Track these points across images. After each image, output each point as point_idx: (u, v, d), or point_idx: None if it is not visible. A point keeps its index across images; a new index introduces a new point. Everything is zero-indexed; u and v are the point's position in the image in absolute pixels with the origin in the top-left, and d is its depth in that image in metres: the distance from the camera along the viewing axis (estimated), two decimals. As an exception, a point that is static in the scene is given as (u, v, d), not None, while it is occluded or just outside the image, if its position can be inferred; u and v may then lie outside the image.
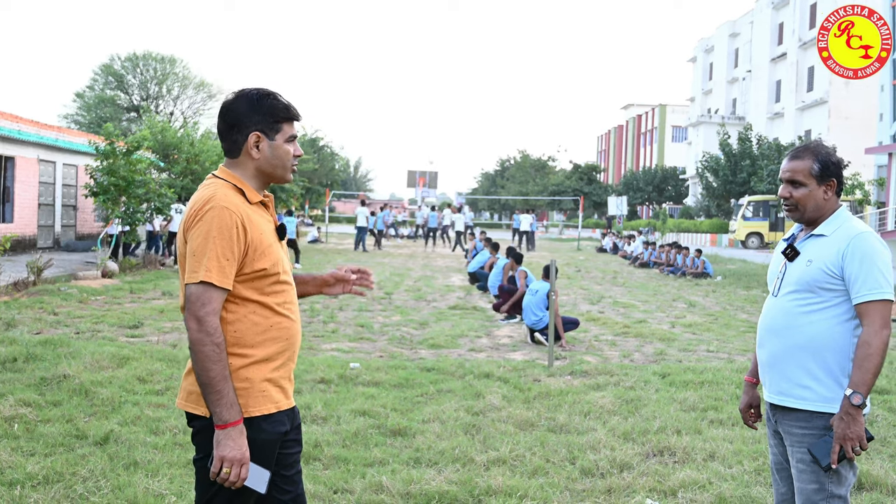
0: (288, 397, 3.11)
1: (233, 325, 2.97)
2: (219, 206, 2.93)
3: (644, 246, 30.93)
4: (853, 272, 3.37)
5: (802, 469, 3.42)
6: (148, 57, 69.73)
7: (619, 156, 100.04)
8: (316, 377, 8.53)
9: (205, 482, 3.00)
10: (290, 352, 3.10)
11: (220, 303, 2.91)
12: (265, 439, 2.99)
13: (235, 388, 2.94)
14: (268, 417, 3.00)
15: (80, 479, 5.36)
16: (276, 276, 3.04)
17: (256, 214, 3.05)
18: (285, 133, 3.11)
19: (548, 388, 8.52)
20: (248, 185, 3.08)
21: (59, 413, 6.86)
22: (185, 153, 26.16)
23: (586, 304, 17.24)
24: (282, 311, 3.06)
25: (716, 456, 6.30)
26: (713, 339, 12.71)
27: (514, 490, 5.40)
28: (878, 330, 3.31)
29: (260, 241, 2.99)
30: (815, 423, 3.40)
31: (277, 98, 3.11)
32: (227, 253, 2.90)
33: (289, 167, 3.16)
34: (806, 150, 3.57)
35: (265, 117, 3.07)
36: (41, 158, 25.98)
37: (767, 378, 3.59)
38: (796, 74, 57.52)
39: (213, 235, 2.90)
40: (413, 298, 17.09)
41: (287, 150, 3.13)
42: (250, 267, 2.97)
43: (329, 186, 55.94)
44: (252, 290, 2.99)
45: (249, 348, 2.98)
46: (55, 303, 13.62)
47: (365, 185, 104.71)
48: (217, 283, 2.88)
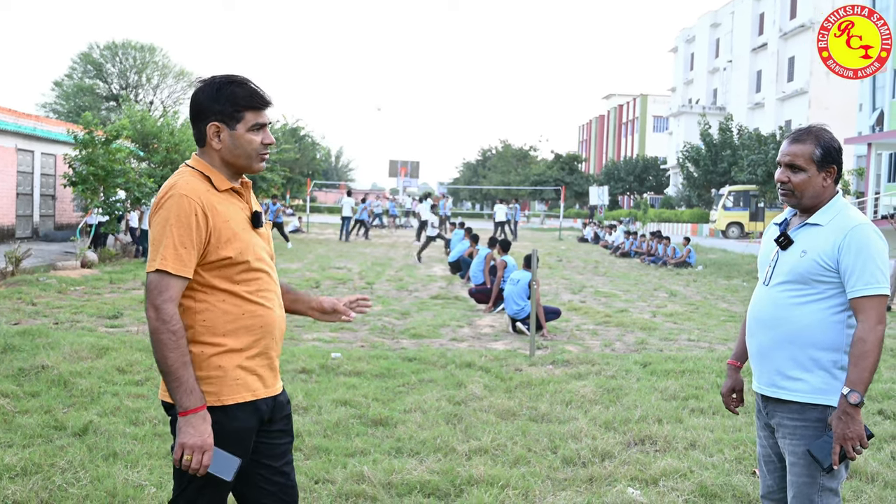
0: (268, 386, 3.08)
1: (201, 314, 2.95)
2: (178, 194, 2.90)
3: (625, 236, 31.01)
4: (849, 265, 3.28)
5: (794, 462, 3.38)
6: (127, 45, 69.22)
7: (601, 146, 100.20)
8: (297, 367, 8.50)
9: (180, 471, 2.99)
10: (267, 340, 3.06)
11: (178, 291, 2.88)
12: (239, 427, 2.97)
13: (209, 377, 2.92)
14: (243, 406, 2.98)
15: (58, 470, 5.31)
16: (244, 264, 2.99)
17: (226, 202, 3.01)
18: (248, 122, 3.02)
19: (529, 377, 8.53)
20: (216, 172, 3.04)
21: (38, 404, 6.80)
22: (165, 142, 25.94)
23: (568, 293, 17.27)
24: (255, 299, 3.01)
25: (697, 444, 6.32)
26: (694, 328, 12.76)
27: (495, 479, 5.40)
28: (874, 326, 3.24)
29: (225, 228, 2.95)
30: (808, 415, 3.35)
31: (242, 85, 3.03)
32: (184, 241, 2.87)
33: (254, 157, 3.06)
34: (808, 134, 3.44)
35: (225, 106, 3.00)
36: (19, 148, 25.74)
37: (758, 369, 3.52)
38: (777, 65, 57.77)
39: (171, 223, 2.88)
40: (395, 288, 17.06)
41: (250, 140, 3.04)
42: (215, 255, 2.93)
43: (310, 176, 55.72)
44: (220, 278, 2.96)
45: (221, 336, 2.95)
46: (34, 293, 13.51)
47: (346, 175, 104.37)
48: (172, 271, 2.86)
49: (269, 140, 3.09)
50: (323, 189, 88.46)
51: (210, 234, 2.92)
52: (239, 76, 3.07)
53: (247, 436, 3.01)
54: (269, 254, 3.17)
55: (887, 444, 6.40)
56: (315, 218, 54.89)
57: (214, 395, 2.93)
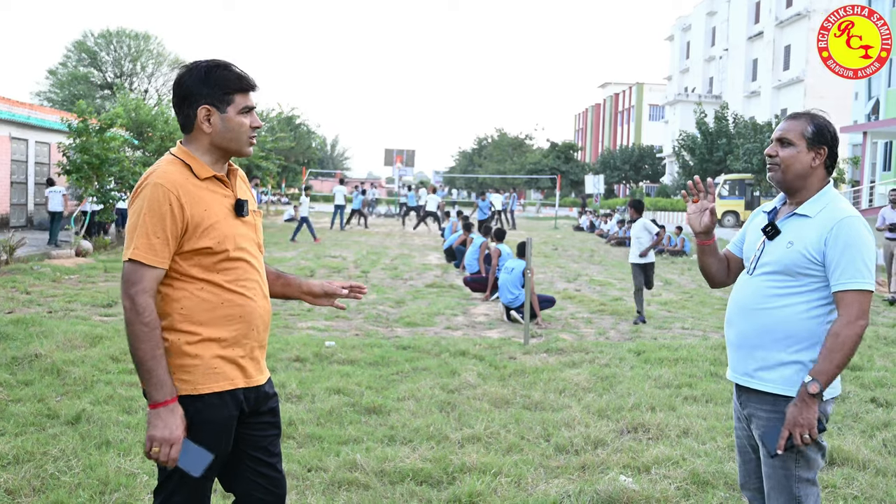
0: (249, 377, 3.05)
1: (179, 303, 2.92)
2: (152, 183, 2.88)
3: (619, 225, 30.99)
4: (834, 258, 3.22)
5: (768, 453, 3.34)
6: (122, 34, 68.86)
7: (597, 134, 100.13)
8: (291, 355, 8.49)
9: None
10: (247, 330, 3.02)
11: (152, 281, 2.86)
12: (216, 417, 2.95)
13: (185, 365, 2.90)
14: (221, 395, 2.95)
15: (50, 458, 5.31)
16: (223, 253, 2.95)
17: (206, 190, 2.98)
18: (238, 105, 3.00)
19: (523, 365, 8.54)
20: (199, 160, 3.00)
21: (31, 392, 6.80)
22: (160, 131, 25.86)
23: (563, 282, 17.28)
24: (234, 288, 2.98)
25: (689, 432, 6.33)
26: (688, 316, 12.78)
27: (488, 467, 5.41)
28: (853, 321, 3.17)
29: (203, 218, 2.92)
30: (781, 408, 3.29)
31: (229, 69, 3.01)
32: (157, 230, 2.85)
33: (244, 140, 3.04)
34: (804, 114, 3.42)
35: (215, 90, 2.97)
36: (13, 136, 25.65)
37: (735, 358, 3.48)
38: (773, 53, 57.71)
39: (144, 213, 2.86)
40: (390, 277, 17.06)
41: (241, 123, 3.01)
42: (192, 245, 2.91)
43: (306, 165, 55.63)
44: (198, 267, 2.94)
45: (199, 325, 2.93)
46: (28, 282, 13.49)
47: (342, 164, 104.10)
48: (143, 260, 2.84)
49: (256, 123, 3.06)
50: (319, 178, 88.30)
51: (186, 223, 2.89)
52: (223, 60, 3.04)
53: (225, 426, 2.98)
54: (255, 243, 3.12)
55: (879, 432, 6.41)
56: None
57: (191, 384, 2.91)
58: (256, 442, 3.12)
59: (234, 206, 3.04)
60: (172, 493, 2.98)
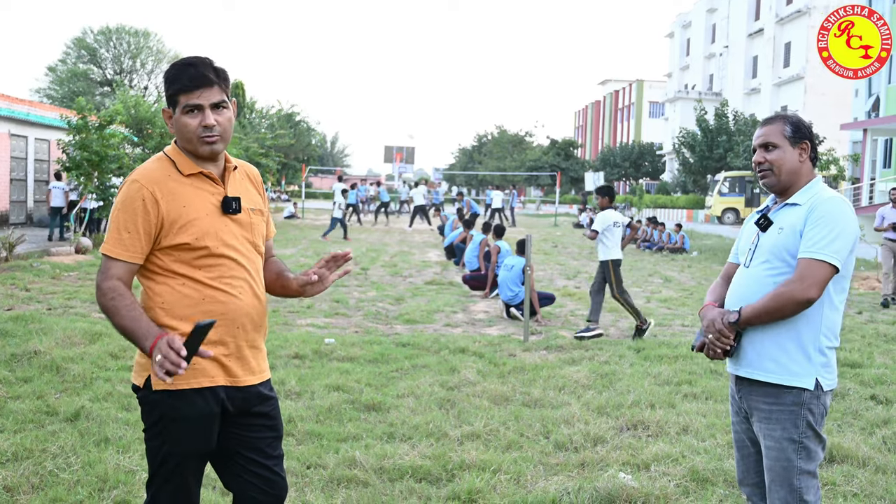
0: (233, 375, 3.02)
1: (161, 297, 2.95)
2: (130, 179, 2.94)
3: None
4: (809, 230, 3.25)
5: (770, 446, 3.35)
6: (121, 30, 68.83)
7: (597, 131, 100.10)
8: (290, 352, 8.49)
9: (150, 455, 3.00)
10: (233, 328, 3.00)
11: (123, 273, 2.92)
12: (192, 414, 2.94)
13: None
14: (199, 391, 2.95)
15: (49, 455, 5.30)
16: (203, 249, 2.94)
17: (190, 187, 2.98)
18: (181, 104, 2.96)
19: (523, 362, 8.53)
20: (182, 156, 3.02)
21: (30, 389, 6.79)
22: (159, 128, 25.78)
23: (563, 279, 17.27)
24: (216, 285, 2.97)
25: (689, 429, 6.32)
26: (688, 313, 12.78)
27: (487, 464, 5.40)
28: (804, 287, 3.18)
29: (181, 214, 2.92)
30: (782, 399, 3.31)
31: (175, 67, 2.99)
32: (128, 226, 2.90)
33: (194, 140, 2.97)
34: (775, 116, 3.50)
35: (167, 91, 3.00)
36: (12, 133, 25.63)
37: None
38: (773, 50, 57.68)
39: (118, 208, 2.93)
40: (389, 274, 17.06)
41: (185, 123, 2.96)
42: (170, 240, 2.92)
43: (305, 162, 55.54)
44: (178, 262, 2.95)
45: (179, 320, 2.93)
46: (27, 279, 13.49)
47: (342, 161, 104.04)
48: (111, 254, 2.92)
49: (206, 122, 2.95)
50: (318, 175, 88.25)
51: (162, 219, 2.91)
52: (189, 57, 3.01)
53: (204, 422, 2.97)
54: (248, 241, 3.08)
55: (879, 429, 6.41)
56: (310, 204, 54.85)
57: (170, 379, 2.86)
58: (250, 443, 3.10)
59: (222, 203, 3.02)
60: (162, 484, 3.00)
